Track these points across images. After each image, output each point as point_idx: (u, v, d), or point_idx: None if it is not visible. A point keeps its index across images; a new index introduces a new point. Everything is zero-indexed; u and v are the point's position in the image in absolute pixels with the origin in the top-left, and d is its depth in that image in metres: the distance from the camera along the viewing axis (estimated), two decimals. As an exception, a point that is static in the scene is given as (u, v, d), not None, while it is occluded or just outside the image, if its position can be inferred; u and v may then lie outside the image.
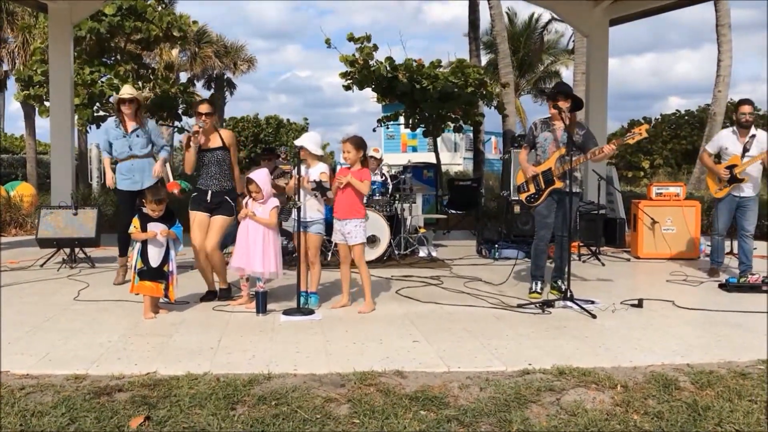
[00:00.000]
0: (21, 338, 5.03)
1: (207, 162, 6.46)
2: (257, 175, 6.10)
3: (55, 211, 9.00)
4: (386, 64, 15.19)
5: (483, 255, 9.82)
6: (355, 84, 15.48)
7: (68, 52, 11.44)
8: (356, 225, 6.03)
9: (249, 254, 5.98)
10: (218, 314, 5.90)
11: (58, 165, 11.28)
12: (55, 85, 11.42)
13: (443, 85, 15.12)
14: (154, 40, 16.33)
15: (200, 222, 6.42)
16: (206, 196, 6.42)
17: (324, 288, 6.92)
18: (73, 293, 6.83)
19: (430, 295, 6.75)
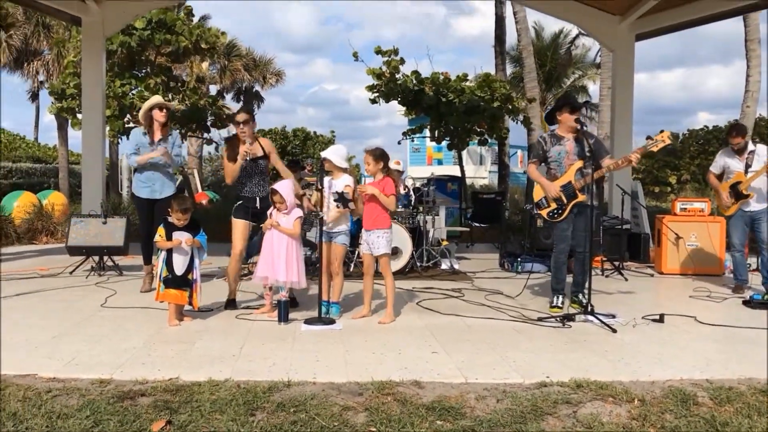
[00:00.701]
0: (48, 342, 5.15)
1: (251, 171, 6.63)
2: (281, 186, 6.19)
3: (85, 219, 9.18)
4: (413, 77, 15.29)
5: (505, 268, 9.80)
6: (382, 97, 15.59)
7: (100, 65, 11.68)
8: (379, 235, 6.07)
9: (273, 264, 6.06)
10: (240, 322, 5.97)
11: (89, 175, 11.49)
12: (87, 97, 11.66)
13: (469, 99, 15.17)
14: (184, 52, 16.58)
15: (243, 229, 6.58)
16: (254, 203, 6.61)
17: (346, 298, 6.96)
18: (100, 300, 6.96)
19: (450, 307, 6.76)
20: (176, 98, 16.47)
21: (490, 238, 13.72)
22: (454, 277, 8.81)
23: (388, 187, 6.06)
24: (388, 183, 6.08)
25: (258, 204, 6.62)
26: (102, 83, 11.75)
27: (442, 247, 9.88)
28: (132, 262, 9.76)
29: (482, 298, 7.27)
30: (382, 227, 6.09)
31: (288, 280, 6.03)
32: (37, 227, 13.18)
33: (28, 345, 5.05)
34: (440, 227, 10.42)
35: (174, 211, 5.91)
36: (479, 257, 11.32)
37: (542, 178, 6.69)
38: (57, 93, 15.99)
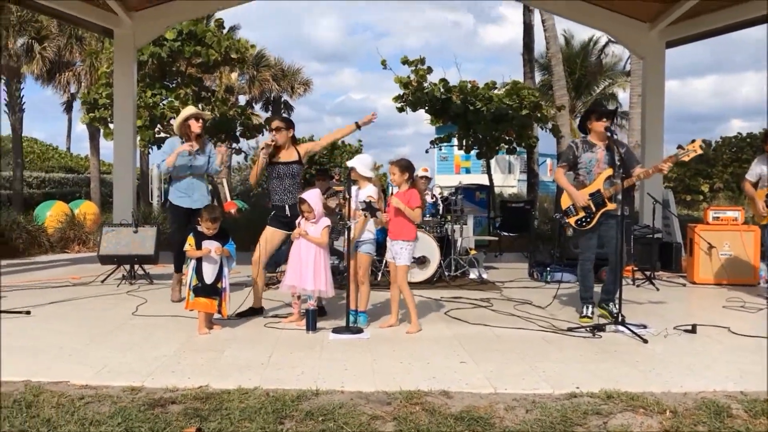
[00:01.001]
0: (80, 350, 5.23)
1: (281, 174, 6.70)
2: (309, 195, 6.23)
3: (116, 229, 9.32)
4: (440, 85, 15.32)
5: (534, 278, 9.75)
6: (409, 105, 15.64)
7: (132, 76, 11.88)
8: (402, 247, 6.08)
9: (300, 273, 6.10)
10: (269, 331, 6.02)
11: (121, 184, 11.66)
12: (118, 107, 11.86)
13: (497, 107, 15.15)
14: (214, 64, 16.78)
15: (271, 235, 6.67)
16: (284, 212, 6.68)
17: (373, 308, 6.99)
18: (131, 308, 7.06)
19: (479, 317, 6.74)
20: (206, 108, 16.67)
21: (519, 248, 13.65)
22: (482, 287, 8.78)
23: (413, 199, 6.06)
24: (413, 195, 6.07)
25: (288, 212, 6.68)
26: (133, 93, 11.94)
27: (471, 256, 9.85)
28: (162, 270, 9.88)
29: (511, 308, 7.24)
30: (406, 238, 6.09)
31: (316, 289, 6.06)
32: (69, 236, 13.40)
33: (61, 352, 5.14)
34: (468, 236, 10.39)
35: (204, 220, 5.98)
36: (508, 266, 11.28)
37: (570, 185, 6.64)
38: (89, 103, 16.29)
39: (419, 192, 6.17)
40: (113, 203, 11.87)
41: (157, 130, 16.11)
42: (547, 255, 10.45)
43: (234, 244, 6.10)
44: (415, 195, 6.09)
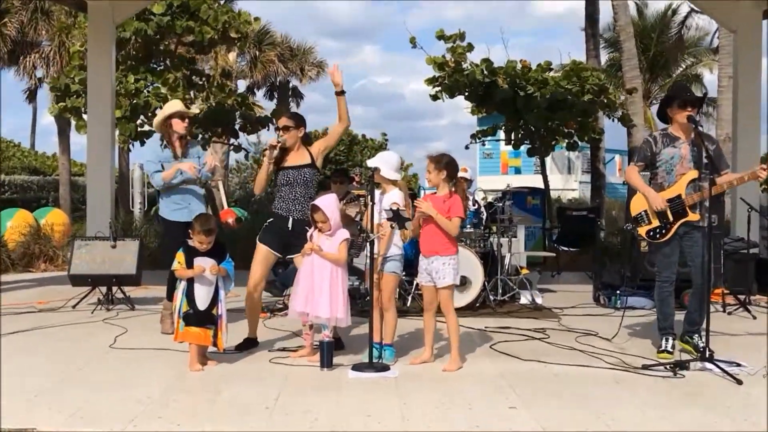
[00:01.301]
0: (49, 390, 5.29)
1: (290, 181, 6.70)
2: (324, 201, 6.21)
3: (90, 243, 9.43)
4: (483, 67, 15.30)
5: (601, 303, 9.70)
6: (445, 91, 15.63)
7: (110, 57, 12.03)
8: (444, 263, 6.07)
9: (313, 296, 6.11)
10: (275, 367, 6.04)
11: (96, 188, 11.80)
12: (94, 95, 12.01)
13: (554, 92, 15.09)
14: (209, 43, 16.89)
15: (265, 256, 6.66)
16: (286, 224, 6.65)
17: (401, 339, 6.98)
18: (109, 339, 7.12)
19: (532, 351, 6.72)
20: (199, 96, 16.79)
21: (582, 266, 13.57)
22: (536, 314, 8.76)
23: (455, 208, 6.02)
24: (455, 203, 6.04)
25: (291, 226, 6.65)
26: (111, 78, 12.10)
27: (522, 276, 9.82)
28: (146, 293, 9.97)
29: (572, 341, 7.21)
30: (446, 253, 6.08)
31: (332, 317, 6.06)
32: (34, 252, 13.56)
33: (26, 393, 5.20)
34: (519, 252, 10.35)
35: (196, 232, 6.01)
36: (568, 289, 11.23)
37: (645, 186, 6.60)
38: (59, 90, 16.43)
39: (462, 198, 6.15)
40: (86, 212, 12.00)
41: (140, 122, 16.25)
42: (616, 275, 10.38)
43: (232, 261, 6.15)
44: (457, 203, 6.05)
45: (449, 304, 6.12)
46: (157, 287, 10.27)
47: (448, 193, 6.10)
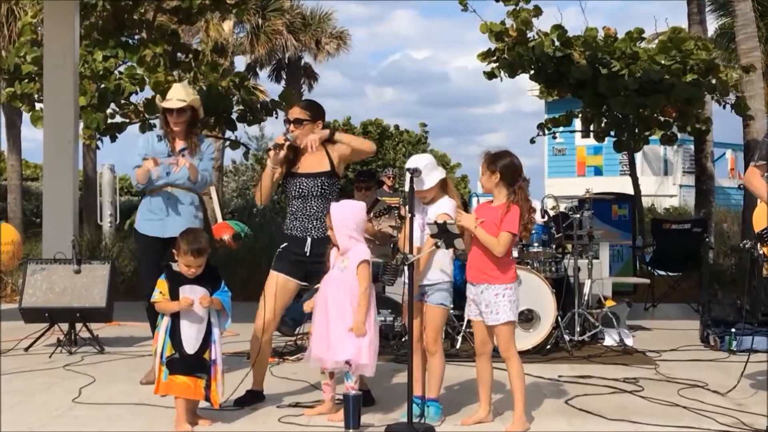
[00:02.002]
0: (-5, 458, 5.34)
1: (303, 192, 6.71)
2: (339, 207, 6.28)
3: (48, 267, 9.46)
4: (554, 36, 15.26)
5: (711, 345, 9.63)
6: (504, 69, 15.62)
7: (71, 29, 12.12)
8: (498, 294, 6.05)
9: (329, 338, 6.13)
10: (286, 428, 6.05)
11: (54, 197, 11.87)
12: (51, 77, 12.10)
13: (647, 70, 15.02)
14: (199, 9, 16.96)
15: (281, 288, 6.65)
16: (303, 246, 6.65)
17: (449, 391, 6.97)
18: (72, 392, 7.12)
19: (620, 408, 6.68)
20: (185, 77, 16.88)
21: (685, 295, 13.48)
22: (625, 359, 8.71)
23: (507, 221, 5.95)
24: (510, 216, 5.96)
25: (308, 249, 6.66)
26: (74, 57, 12.18)
27: (606, 309, 9.76)
28: (119, 331, 10.04)
29: (674, 395, 7.15)
30: (499, 281, 6.04)
31: (355, 363, 6.07)
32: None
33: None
34: (602, 278, 10.30)
35: (182, 253, 6.02)
36: (666, 326, 11.18)
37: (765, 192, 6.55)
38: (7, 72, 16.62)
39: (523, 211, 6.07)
40: (42, 226, 12.07)
41: (110, 111, 16.39)
42: (730, 308, 10.28)
43: (228, 291, 6.16)
44: (513, 216, 5.97)
45: (509, 346, 6.07)
46: (133, 324, 10.35)
47: (505, 204, 6.03)
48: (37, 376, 7.90)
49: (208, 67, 17.48)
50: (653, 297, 13.36)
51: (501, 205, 6.05)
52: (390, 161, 34.90)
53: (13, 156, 27.75)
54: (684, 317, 11.95)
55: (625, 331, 9.52)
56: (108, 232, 20.89)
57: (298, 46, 37.26)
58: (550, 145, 33.62)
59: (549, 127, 17.60)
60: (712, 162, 18.87)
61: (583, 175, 33.50)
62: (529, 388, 7.04)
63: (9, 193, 27.17)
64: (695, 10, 18.91)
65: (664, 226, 14.53)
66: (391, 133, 39.27)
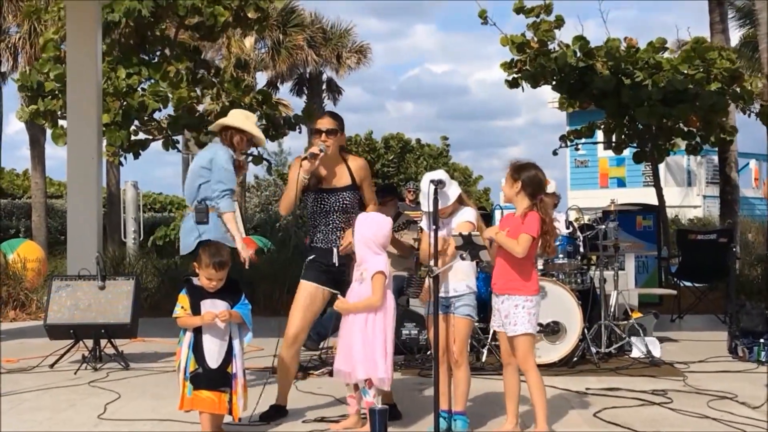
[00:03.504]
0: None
1: (325, 207, 6.77)
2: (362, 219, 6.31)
3: (72, 283, 9.51)
4: (576, 47, 15.24)
5: (739, 356, 9.56)
6: (526, 79, 15.59)
7: (94, 46, 12.16)
8: (518, 305, 6.03)
9: (351, 351, 6.14)
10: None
11: (78, 214, 11.90)
12: (74, 94, 12.15)
13: (670, 80, 14.97)
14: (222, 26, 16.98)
15: (312, 296, 6.67)
16: (331, 257, 6.71)
17: (476, 405, 6.93)
18: (97, 408, 7.14)
19: (650, 420, 6.64)
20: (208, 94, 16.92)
21: (712, 307, 13.40)
22: (653, 371, 8.66)
23: (528, 224, 5.97)
24: (530, 221, 5.98)
25: (336, 259, 6.72)
26: (97, 73, 12.22)
27: (633, 321, 9.71)
28: (144, 347, 10.04)
29: (703, 406, 7.09)
30: (521, 292, 6.04)
31: (381, 377, 6.05)
32: (1, 296, 13.74)
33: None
34: (628, 289, 10.25)
35: (203, 266, 6.00)
36: (694, 337, 11.11)
37: None
38: (30, 89, 16.67)
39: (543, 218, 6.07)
40: (67, 243, 12.11)
41: (134, 128, 16.44)
42: (758, 318, 10.21)
43: (249, 304, 6.14)
44: (533, 219, 5.99)
45: (528, 358, 6.06)
46: (157, 340, 10.36)
47: (527, 212, 6.05)
48: (62, 392, 7.90)
49: (231, 84, 17.52)
50: (680, 308, 13.29)
51: (522, 214, 6.06)
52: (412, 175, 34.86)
53: (37, 174, 27.88)
54: (711, 328, 11.88)
55: (653, 343, 9.46)
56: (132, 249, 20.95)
57: (319, 61, 37.32)
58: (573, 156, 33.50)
59: (571, 138, 17.57)
60: (737, 172, 18.79)
61: (606, 187, 33.40)
62: (556, 401, 7.04)
63: (33, 211, 27.31)
64: (717, 20, 18.85)
65: (689, 237, 14.44)
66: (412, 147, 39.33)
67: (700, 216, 31.10)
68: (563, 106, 17.93)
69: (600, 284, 9.51)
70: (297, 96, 38.49)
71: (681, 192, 33.09)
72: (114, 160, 18.17)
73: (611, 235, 9.73)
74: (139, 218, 23.14)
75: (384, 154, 37.87)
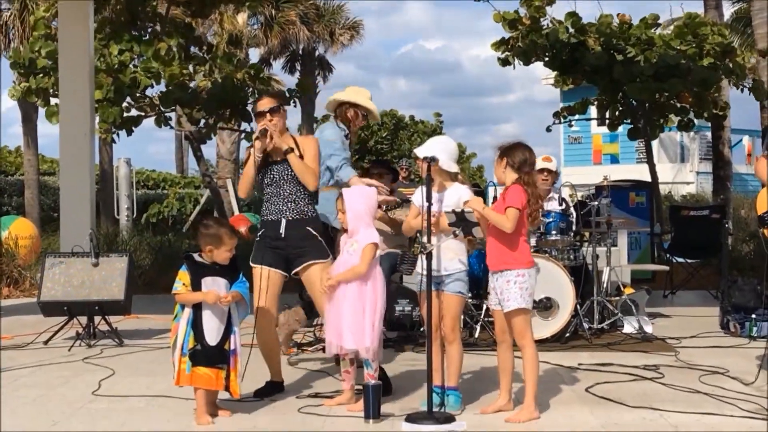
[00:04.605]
0: (17, 451, 5.35)
1: (277, 178, 6.76)
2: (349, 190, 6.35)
3: (66, 260, 9.50)
4: (568, 23, 15.22)
5: (731, 331, 9.58)
6: (518, 56, 15.57)
7: (86, 23, 12.10)
8: (510, 280, 6.04)
9: (340, 323, 6.17)
10: (307, 419, 6.04)
11: (71, 191, 11.87)
12: (67, 72, 12.09)
13: (663, 56, 14.95)
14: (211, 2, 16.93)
15: (264, 278, 6.65)
16: (278, 228, 6.67)
17: (469, 381, 6.97)
18: (92, 385, 7.16)
19: (642, 395, 6.66)
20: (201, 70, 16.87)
21: (704, 282, 13.44)
22: (645, 347, 8.69)
23: (511, 196, 5.97)
24: (512, 191, 5.99)
25: (283, 230, 6.67)
26: (89, 50, 12.18)
27: (625, 297, 9.73)
28: (137, 324, 10.05)
29: (695, 381, 7.11)
30: (515, 266, 6.04)
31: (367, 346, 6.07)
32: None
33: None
34: (620, 265, 10.27)
35: (225, 242, 5.97)
36: (686, 313, 11.12)
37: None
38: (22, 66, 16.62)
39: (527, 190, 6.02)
40: (60, 220, 12.09)
41: (126, 105, 16.39)
42: (750, 294, 10.23)
43: (246, 281, 6.15)
44: (515, 191, 5.98)
45: (524, 333, 6.06)
46: (151, 317, 10.37)
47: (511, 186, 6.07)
48: (56, 369, 7.92)
49: (223, 60, 17.47)
50: (672, 284, 13.32)
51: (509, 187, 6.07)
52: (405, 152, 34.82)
53: (29, 151, 27.74)
54: (703, 304, 11.93)
55: (645, 319, 9.49)
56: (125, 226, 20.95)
57: (312, 37, 37.15)
58: (566, 133, 33.53)
59: (565, 115, 17.58)
60: (729, 148, 18.79)
61: (599, 164, 33.40)
62: (549, 377, 7.07)
63: (26, 188, 27.18)
64: (711, -5, 18.83)
65: (682, 213, 14.47)
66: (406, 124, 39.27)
67: (692, 192, 31.12)
68: (558, 83, 17.94)
69: (593, 260, 9.52)
70: (289, 73, 38.40)
71: (674, 168, 33.10)
72: (107, 137, 18.13)
73: (604, 212, 9.73)
74: (132, 195, 23.12)
75: (377, 131, 37.77)
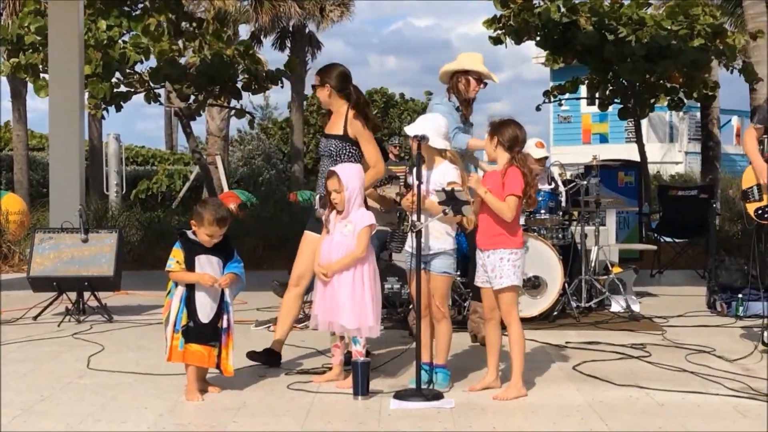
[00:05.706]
0: (7, 425, 5.33)
1: (322, 153, 7.03)
2: (345, 168, 6.30)
3: (55, 236, 9.50)
4: (560, 2, 15.19)
5: (718, 310, 9.63)
6: (510, 35, 15.54)
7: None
8: (502, 258, 6.05)
9: (335, 301, 6.16)
10: (295, 395, 6.06)
11: (61, 167, 11.85)
12: (56, 47, 12.05)
13: (653, 36, 14.95)
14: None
15: (309, 242, 6.82)
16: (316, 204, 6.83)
17: (457, 358, 6.98)
18: (81, 360, 7.18)
19: (628, 374, 6.69)
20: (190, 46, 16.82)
21: (692, 262, 13.48)
22: (632, 325, 8.73)
23: (510, 182, 5.98)
24: (511, 177, 6.00)
25: (317, 205, 6.78)
26: (79, 26, 12.13)
27: (613, 276, 9.76)
28: (127, 300, 10.05)
29: (681, 360, 7.15)
30: (506, 245, 6.06)
31: (362, 327, 6.10)
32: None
33: (-23, 429, 5.26)
34: (608, 245, 10.29)
35: (206, 223, 5.93)
36: (673, 292, 11.16)
37: (757, 154, 6.61)
38: (11, 42, 16.57)
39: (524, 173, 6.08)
40: (49, 196, 12.08)
41: (116, 80, 16.34)
42: (737, 273, 10.27)
43: (241, 261, 6.16)
44: (514, 177, 6.00)
45: (511, 311, 6.09)
46: (141, 293, 10.38)
47: (506, 167, 6.07)
48: (45, 344, 7.94)
49: (213, 36, 17.41)
50: (659, 263, 13.36)
51: (502, 169, 6.09)
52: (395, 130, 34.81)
53: (19, 126, 27.65)
54: (690, 283, 11.98)
55: (632, 298, 9.53)
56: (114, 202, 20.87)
57: (302, 14, 36.96)
58: (556, 112, 33.53)
59: (555, 94, 17.58)
60: (718, 128, 18.82)
61: (588, 143, 33.42)
62: (536, 354, 7.10)
63: (15, 164, 27.08)
64: (702, -25, 18.81)
65: (670, 193, 14.49)
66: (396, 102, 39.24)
67: (681, 172, 31.17)
68: (549, 62, 17.93)
69: (581, 239, 9.55)
70: (279, 50, 38.18)
71: (663, 148, 33.14)
72: (96, 113, 18.09)
73: (593, 191, 9.75)
74: (122, 171, 23.04)
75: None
